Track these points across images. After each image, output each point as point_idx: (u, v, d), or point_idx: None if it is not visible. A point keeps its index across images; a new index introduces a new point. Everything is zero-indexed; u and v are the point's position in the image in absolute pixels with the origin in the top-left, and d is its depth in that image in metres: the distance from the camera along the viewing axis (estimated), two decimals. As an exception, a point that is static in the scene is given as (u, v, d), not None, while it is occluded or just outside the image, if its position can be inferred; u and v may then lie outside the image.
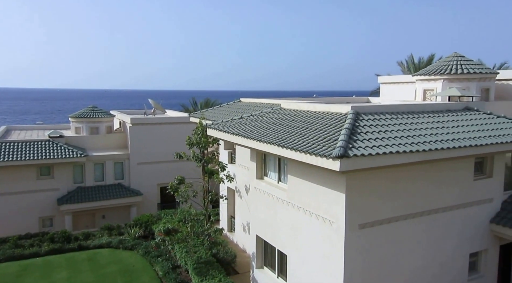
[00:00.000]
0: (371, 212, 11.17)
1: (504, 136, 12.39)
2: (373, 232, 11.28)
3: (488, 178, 13.40)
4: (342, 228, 10.80)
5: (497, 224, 13.33)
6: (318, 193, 11.60)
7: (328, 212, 11.27)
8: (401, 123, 12.12)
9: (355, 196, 10.78)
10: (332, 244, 11.20)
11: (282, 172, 13.82)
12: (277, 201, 13.72)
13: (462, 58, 17.13)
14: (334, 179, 10.90)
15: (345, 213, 10.71)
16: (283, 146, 11.25)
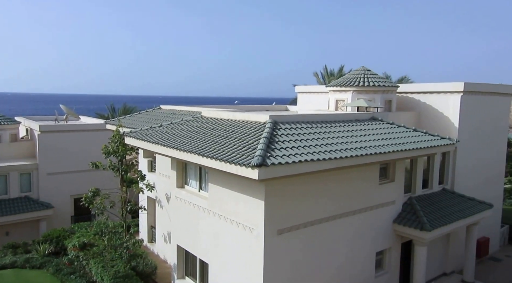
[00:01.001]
0: (289, 217, 11.54)
1: (404, 144, 13.62)
2: (291, 237, 11.66)
3: (391, 182, 14.61)
4: (262, 234, 11.00)
5: (398, 224, 14.58)
6: (238, 200, 11.71)
7: (248, 219, 11.41)
8: (316, 132, 12.74)
9: (273, 203, 11.06)
10: (252, 250, 11.35)
11: (203, 181, 13.72)
12: (198, 210, 13.56)
13: (368, 72, 18.55)
14: (253, 187, 11.08)
15: (264, 219, 10.94)
16: (203, 155, 11.18)
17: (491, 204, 17.07)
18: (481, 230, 18.32)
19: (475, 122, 18.04)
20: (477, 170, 18.77)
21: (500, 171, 21.03)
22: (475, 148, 18.32)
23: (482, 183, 19.08)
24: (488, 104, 18.91)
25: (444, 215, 15.23)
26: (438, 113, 17.84)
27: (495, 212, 19.29)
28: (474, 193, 17.84)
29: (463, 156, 17.71)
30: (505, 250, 20.93)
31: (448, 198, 16.76)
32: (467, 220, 15.83)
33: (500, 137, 20.41)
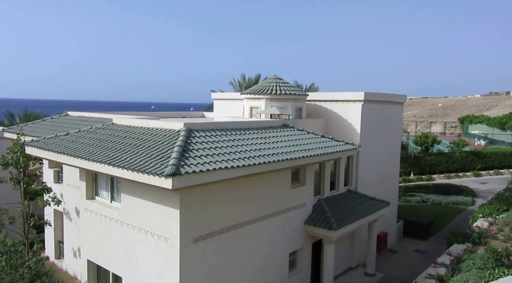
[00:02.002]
0: (205, 225, 11.41)
1: (313, 150, 14.31)
2: (207, 244, 11.52)
3: (302, 186, 15.25)
4: (177, 243, 10.71)
5: (309, 225, 15.26)
6: (153, 210, 11.28)
7: (163, 229, 11.04)
8: (230, 139, 12.80)
9: (189, 211, 10.85)
10: (167, 261, 11.00)
11: (116, 191, 12.97)
12: (110, 222, 12.77)
13: (280, 80, 19.21)
14: (168, 196, 10.76)
15: (180, 228, 10.67)
16: (114, 165, 10.58)
17: (388, 202, 18.70)
18: (380, 225, 19.95)
19: (374, 127, 19.65)
20: (377, 171, 20.45)
21: (396, 171, 23.17)
22: (374, 151, 19.94)
23: (381, 183, 20.83)
24: (385, 112, 20.73)
25: (349, 214, 16.29)
26: (343, 120, 19.09)
27: (392, 208, 21.17)
28: (374, 192, 19.39)
29: (364, 159, 19.16)
30: (401, 242, 23.04)
31: (352, 198, 17.99)
32: (369, 217, 17.12)
33: (395, 141, 22.49)
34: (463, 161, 40.04)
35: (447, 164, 39.59)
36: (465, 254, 14.59)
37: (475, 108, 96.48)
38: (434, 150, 41.78)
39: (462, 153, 40.37)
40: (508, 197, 23.03)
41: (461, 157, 39.98)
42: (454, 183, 35.92)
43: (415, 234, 23.46)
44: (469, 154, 40.86)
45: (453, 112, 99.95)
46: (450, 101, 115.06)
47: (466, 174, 39.14)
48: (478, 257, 13.45)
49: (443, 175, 38.58)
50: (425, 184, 35.30)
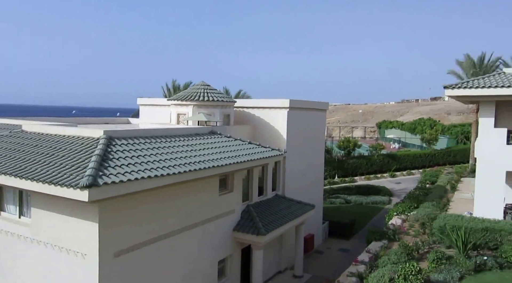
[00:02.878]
0: (128, 238, 10.78)
1: (240, 156, 14.31)
2: (130, 258, 10.90)
3: (230, 193, 15.16)
4: (96, 259, 9.97)
5: (238, 231, 15.20)
6: (69, 225, 10.39)
7: (80, 245, 10.22)
8: (155, 147, 12.31)
9: (109, 224, 10.17)
10: (86, 278, 10.18)
11: (25, 205, 11.77)
12: (18, 240, 11.54)
13: (208, 87, 19.03)
14: (85, 209, 9.99)
15: (99, 243, 9.95)
16: (22, 176, 9.60)
17: (313, 205, 19.34)
18: (307, 228, 20.55)
19: (299, 133, 20.26)
20: (303, 175, 21.08)
21: (321, 175, 24.11)
22: (300, 156, 20.55)
23: (307, 187, 21.51)
24: (309, 118, 21.50)
25: (277, 219, 16.53)
26: (270, 126, 19.43)
27: (317, 211, 21.96)
28: (301, 196, 19.94)
29: (291, 164, 19.64)
30: (327, 243, 23.97)
31: (280, 202, 18.30)
32: (296, 221, 17.54)
33: (319, 145, 23.41)
34: (380, 163, 42.95)
35: (367, 166, 42.18)
36: (381, 250, 15.53)
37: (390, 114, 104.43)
38: (356, 154, 44.29)
39: (380, 156, 43.30)
40: (418, 196, 25.07)
41: (379, 160, 42.86)
42: (373, 184, 38.31)
43: (340, 234, 24.56)
44: (385, 157, 43.96)
45: (372, 117, 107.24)
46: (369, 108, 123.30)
47: (383, 175, 42.00)
48: (393, 253, 14.38)
49: (364, 177, 41.01)
50: (348, 185, 37.21)
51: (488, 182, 17.85)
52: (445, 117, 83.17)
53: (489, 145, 17.87)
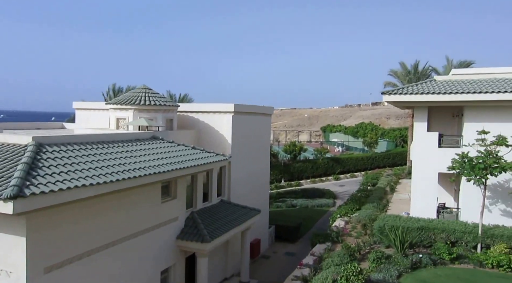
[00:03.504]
0: (60, 251, 10.14)
1: (183, 162, 14.05)
2: (63, 273, 10.25)
3: (173, 200, 14.83)
4: (23, 277, 9.26)
5: (181, 239, 14.90)
6: (-9, 241, 9.56)
7: (5, 262, 9.43)
8: (91, 154, 11.73)
9: (39, 238, 9.50)
10: (11, 298, 9.40)
11: None
12: None
13: (149, 91, 18.51)
14: (10, 222, 9.25)
15: (27, 259, 9.25)
16: None
17: (259, 209, 19.48)
18: (253, 233, 20.65)
19: (244, 138, 20.35)
20: (248, 180, 21.18)
21: (266, 179, 24.37)
22: (245, 161, 20.64)
23: (253, 191, 21.64)
24: (254, 123, 21.69)
25: (222, 225, 16.43)
26: (214, 131, 19.32)
27: (263, 215, 22.15)
28: (247, 201, 20.01)
29: (236, 169, 19.65)
30: (273, 247, 24.25)
31: (225, 208, 18.23)
32: (241, 226, 17.54)
33: (264, 150, 23.68)
34: (325, 167, 44.35)
35: (312, 170, 43.35)
36: (325, 253, 16.00)
37: (334, 118, 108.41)
38: (302, 157, 45.37)
39: (324, 159, 44.71)
40: (360, 198, 26.20)
41: (323, 163, 44.22)
42: (318, 187, 39.44)
43: (286, 238, 24.94)
44: (330, 160, 45.48)
45: (317, 122, 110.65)
46: (314, 112, 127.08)
47: (328, 178, 43.41)
48: (336, 255, 14.87)
49: (309, 180, 42.09)
50: (294, 189, 37.99)
51: (422, 183, 19.06)
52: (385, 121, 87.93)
53: (423, 148, 19.11)
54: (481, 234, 15.48)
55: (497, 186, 17.64)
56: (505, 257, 14.12)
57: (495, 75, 19.49)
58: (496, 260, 14.19)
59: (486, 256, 14.56)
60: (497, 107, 17.72)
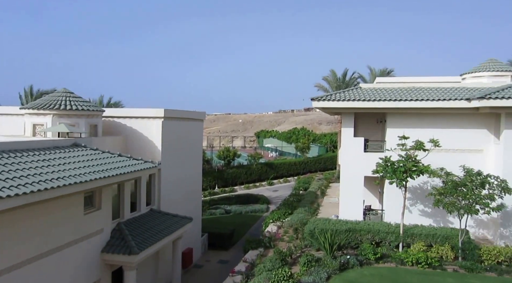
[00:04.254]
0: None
1: (108, 170, 13.42)
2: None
3: (98, 211, 14.08)
4: None
5: (107, 252, 14.18)
6: None
7: None
8: (0, 163, 10.75)
9: None
10: None
11: None
12: None
13: (71, 94, 17.48)
14: None
15: None
16: None
17: (191, 217, 19.20)
18: (185, 242, 20.30)
19: (175, 144, 19.99)
20: (180, 187, 20.81)
21: (199, 186, 24.13)
22: (176, 168, 20.27)
23: (185, 199, 21.29)
24: (186, 128, 21.40)
25: (151, 235, 15.93)
26: (143, 137, 18.74)
27: (196, 223, 21.87)
28: (178, 209, 19.64)
29: (166, 176, 19.22)
30: (206, 255, 24.02)
31: (155, 218, 17.71)
32: (172, 236, 17.14)
33: (197, 156, 23.45)
34: (259, 172, 45.03)
35: (246, 175, 43.77)
36: (258, 259, 16.20)
37: (268, 123, 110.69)
38: (236, 163, 45.64)
39: (258, 165, 45.38)
40: (292, 202, 26.96)
41: (257, 169, 44.88)
42: (252, 192, 39.90)
43: (219, 246, 24.85)
44: (264, 165, 46.28)
45: (252, 127, 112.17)
46: (249, 117, 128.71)
47: (262, 183, 44.12)
48: (268, 260, 15.13)
49: (243, 186, 42.43)
50: (228, 195, 38.04)
51: (350, 187, 20.12)
52: (317, 127, 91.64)
53: (350, 152, 20.20)
54: (402, 234, 16.69)
55: (416, 188, 19.16)
56: (423, 254, 15.36)
57: (414, 84, 21.24)
58: (415, 258, 15.38)
59: (407, 254, 15.71)
60: (416, 114, 19.30)
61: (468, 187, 15.70)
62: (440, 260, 15.54)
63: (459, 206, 15.78)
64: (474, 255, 15.52)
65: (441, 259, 15.65)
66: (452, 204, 15.84)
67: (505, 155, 17.52)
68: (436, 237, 16.39)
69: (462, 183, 15.87)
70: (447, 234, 16.40)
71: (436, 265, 15.27)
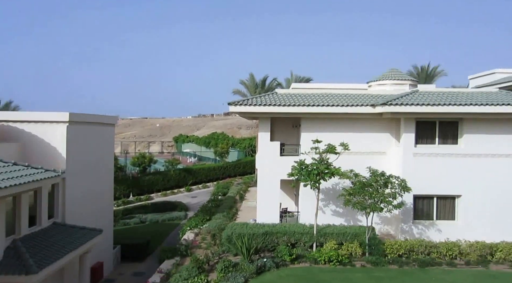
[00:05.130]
0: None
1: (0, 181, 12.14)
2: None
3: (-13, 227, 12.66)
4: None
5: None
6: None
7: None
8: None
9: None
10: None
11: None
12: None
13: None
14: None
15: None
16: None
17: (101, 229, 18.11)
18: (95, 256, 19.09)
19: (83, 151, 18.78)
20: (88, 197, 19.56)
21: (110, 195, 22.92)
22: (84, 176, 19.03)
23: (93, 210, 20.05)
24: (95, 133, 20.23)
25: (54, 251, 14.72)
26: (45, 144, 17.32)
27: (107, 235, 20.70)
28: (86, 221, 18.41)
29: (73, 186, 17.94)
30: (119, 268, 22.84)
31: (59, 231, 16.42)
32: (78, 250, 15.99)
33: (107, 163, 22.27)
34: (177, 178, 44.13)
35: (163, 182, 42.62)
36: (173, 268, 15.83)
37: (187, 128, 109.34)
38: (152, 170, 44.21)
39: (176, 171, 44.46)
40: (211, 208, 26.88)
41: (175, 175, 43.94)
42: (170, 199, 38.95)
43: (133, 257, 23.80)
44: (182, 171, 45.46)
45: (170, 132, 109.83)
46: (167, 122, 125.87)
47: (180, 190, 43.27)
48: (184, 269, 14.87)
49: (160, 193, 41.23)
50: (144, 204, 36.69)
51: (267, 190, 20.64)
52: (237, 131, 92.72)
53: (266, 156, 20.74)
54: (315, 234, 17.52)
55: (329, 190, 20.28)
56: (334, 252, 16.28)
57: (327, 90, 22.53)
58: (327, 256, 16.23)
59: (320, 253, 16.52)
60: (328, 119, 20.45)
61: (374, 187, 17.01)
62: (349, 257, 16.59)
63: (366, 205, 17.02)
64: (379, 250, 16.86)
65: (350, 256, 16.72)
66: (360, 203, 17.03)
67: (404, 156, 19.34)
68: (346, 235, 17.49)
69: (368, 183, 17.14)
70: (356, 232, 17.58)
71: (346, 261, 16.28)
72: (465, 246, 17.36)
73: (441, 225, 19.52)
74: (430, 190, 19.42)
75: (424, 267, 16.22)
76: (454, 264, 16.54)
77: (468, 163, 19.28)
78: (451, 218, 19.78)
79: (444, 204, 19.85)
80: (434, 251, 17.16)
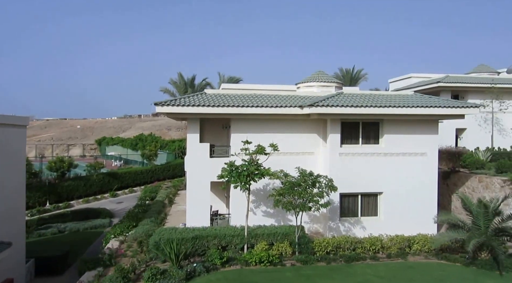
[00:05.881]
0: None
1: None
2: None
3: None
4: None
5: None
6: None
7: None
8: None
9: None
10: None
11: None
12: None
13: None
14: None
15: None
16: None
17: (9, 242, 16.56)
18: (3, 272, 17.41)
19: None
20: (-4, 207, 17.80)
21: (21, 203, 21.06)
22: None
23: (2, 221, 18.28)
24: (6, 136, 18.47)
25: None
26: None
27: (18, 248, 18.99)
28: (-7, 234, 16.74)
29: (-24, 195, 16.20)
30: (33, 284, 21.10)
31: (-41, 246, 14.73)
32: (-16, 266, 14.51)
33: (17, 168, 20.44)
34: (100, 183, 41.90)
35: (85, 188, 40.23)
36: (95, 280, 14.94)
37: (112, 130, 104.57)
38: (72, 175, 41.52)
39: (99, 175, 42.18)
40: (137, 213, 25.88)
41: (98, 180, 41.69)
42: (92, 206, 36.84)
43: (50, 271, 22.09)
44: (106, 176, 43.25)
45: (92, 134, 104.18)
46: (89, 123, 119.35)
47: (104, 195, 41.14)
48: (107, 280, 14.11)
49: (81, 200, 38.86)
50: (63, 212, 34.30)
51: (197, 193, 20.35)
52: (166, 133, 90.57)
53: (196, 158, 20.46)
54: (246, 236, 17.62)
55: (259, 190, 20.52)
56: (265, 253, 16.49)
57: (256, 91, 22.80)
58: (258, 257, 16.39)
59: (251, 255, 16.64)
60: (258, 119, 20.71)
61: (302, 186, 17.52)
62: (280, 257, 16.92)
63: (295, 205, 17.47)
64: (308, 248, 17.41)
65: (281, 256, 17.06)
66: (289, 203, 17.45)
67: (330, 156, 20.20)
68: (277, 235, 17.82)
69: (297, 183, 17.62)
70: (286, 232, 17.99)
71: (277, 261, 16.58)
72: (386, 240, 18.57)
73: (365, 221, 20.68)
74: (355, 188, 20.50)
75: (350, 262, 17.05)
76: (377, 258, 17.59)
77: (388, 162, 20.69)
78: (374, 214, 21.04)
79: (368, 201, 21.06)
80: (359, 246, 18.12)
